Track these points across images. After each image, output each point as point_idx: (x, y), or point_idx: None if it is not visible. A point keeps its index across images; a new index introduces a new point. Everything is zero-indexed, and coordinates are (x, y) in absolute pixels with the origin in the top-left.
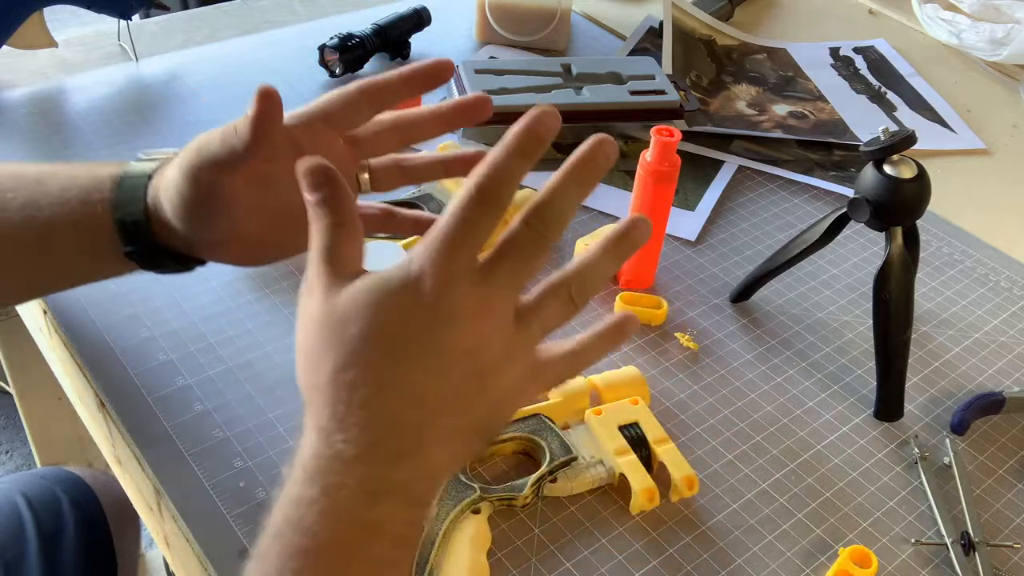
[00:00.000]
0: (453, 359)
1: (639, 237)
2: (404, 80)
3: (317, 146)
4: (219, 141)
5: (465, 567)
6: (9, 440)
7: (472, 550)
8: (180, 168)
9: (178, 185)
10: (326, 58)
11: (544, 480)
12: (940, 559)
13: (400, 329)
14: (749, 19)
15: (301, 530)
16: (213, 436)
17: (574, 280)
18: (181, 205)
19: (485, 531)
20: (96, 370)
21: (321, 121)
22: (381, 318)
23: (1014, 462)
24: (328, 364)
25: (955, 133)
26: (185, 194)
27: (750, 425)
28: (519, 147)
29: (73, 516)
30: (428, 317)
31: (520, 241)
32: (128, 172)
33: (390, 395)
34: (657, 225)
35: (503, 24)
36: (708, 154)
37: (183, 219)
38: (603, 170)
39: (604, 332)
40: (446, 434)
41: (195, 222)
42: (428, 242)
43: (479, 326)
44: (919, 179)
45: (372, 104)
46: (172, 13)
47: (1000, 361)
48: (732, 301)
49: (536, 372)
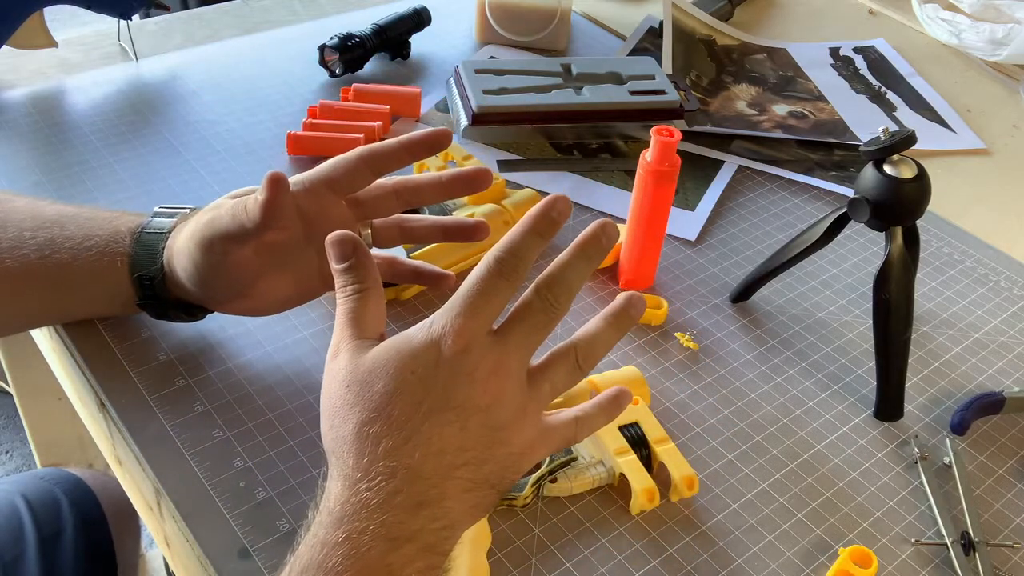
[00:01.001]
0: (471, 414)
1: (636, 314)
2: (405, 148)
3: (321, 211)
4: (230, 217)
5: (465, 567)
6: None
7: (472, 550)
8: (193, 239)
9: (191, 254)
10: (326, 58)
11: (544, 480)
12: (940, 559)
13: (422, 385)
14: (749, 19)
15: (325, 570)
16: (213, 436)
17: (581, 348)
18: (194, 272)
19: (485, 531)
20: (96, 370)
21: (325, 187)
22: (405, 375)
23: (1014, 462)
24: (355, 418)
25: (955, 133)
26: (198, 262)
27: (750, 425)
28: (535, 228)
29: (73, 517)
30: (448, 374)
31: (532, 309)
32: (146, 228)
33: (413, 446)
34: (657, 225)
35: (503, 24)
36: (708, 154)
37: (196, 283)
38: (606, 249)
39: (603, 404)
40: (463, 485)
41: (206, 286)
42: (449, 307)
43: (495, 384)
44: (919, 179)
45: (373, 170)
46: (172, 13)
47: (1000, 361)
48: (732, 301)
49: (545, 433)
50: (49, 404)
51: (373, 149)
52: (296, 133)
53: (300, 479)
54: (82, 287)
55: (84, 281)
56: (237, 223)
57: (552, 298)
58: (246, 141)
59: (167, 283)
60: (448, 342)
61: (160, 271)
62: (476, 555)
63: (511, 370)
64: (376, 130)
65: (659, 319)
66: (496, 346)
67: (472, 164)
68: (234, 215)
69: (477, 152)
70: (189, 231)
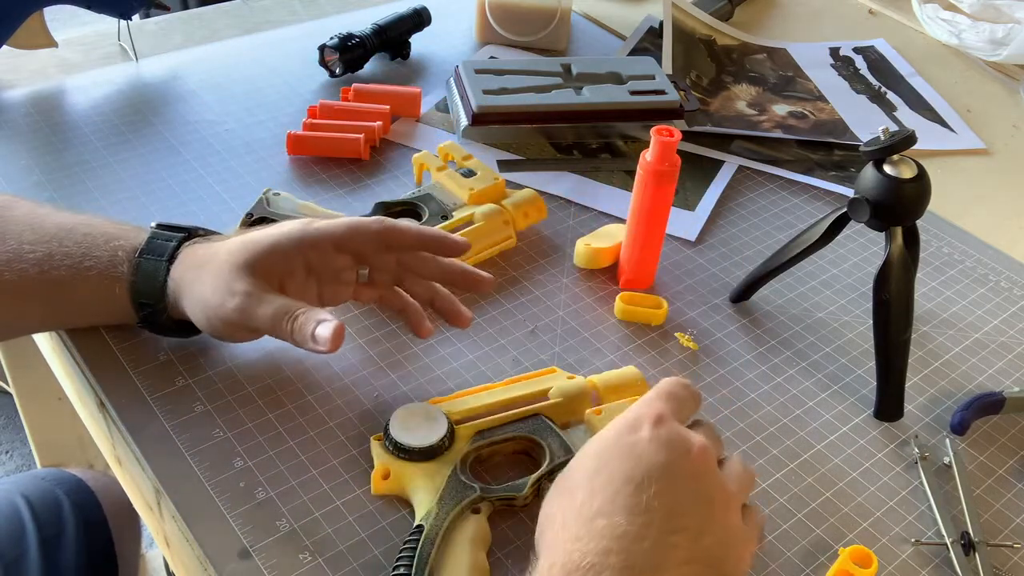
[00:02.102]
0: (684, 483)
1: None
2: (422, 241)
3: (324, 261)
4: (262, 319)
5: (465, 566)
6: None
7: (472, 549)
8: (206, 315)
9: (203, 319)
10: (326, 58)
11: (544, 480)
12: (940, 559)
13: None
14: (749, 19)
15: None
16: (213, 436)
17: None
18: (204, 319)
19: (485, 530)
20: (96, 370)
21: (332, 245)
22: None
23: (1014, 462)
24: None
25: (955, 133)
26: (208, 326)
27: (750, 425)
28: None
29: (73, 517)
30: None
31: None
32: (145, 252)
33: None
34: (657, 225)
35: (503, 24)
36: (708, 154)
37: (202, 323)
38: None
39: None
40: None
41: (212, 328)
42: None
43: (701, 457)
44: (919, 179)
45: (386, 245)
46: (172, 13)
47: (1000, 361)
48: (732, 301)
49: (749, 522)
50: (49, 404)
51: (392, 228)
52: (296, 133)
53: (300, 479)
54: (81, 304)
55: (83, 299)
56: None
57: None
58: (246, 141)
59: (169, 310)
60: (651, 419)
61: (162, 300)
62: (476, 554)
63: (712, 461)
64: (376, 130)
65: (659, 319)
66: (695, 438)
67: (472, 164)
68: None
69: (477, 152)
70: (203, 306)
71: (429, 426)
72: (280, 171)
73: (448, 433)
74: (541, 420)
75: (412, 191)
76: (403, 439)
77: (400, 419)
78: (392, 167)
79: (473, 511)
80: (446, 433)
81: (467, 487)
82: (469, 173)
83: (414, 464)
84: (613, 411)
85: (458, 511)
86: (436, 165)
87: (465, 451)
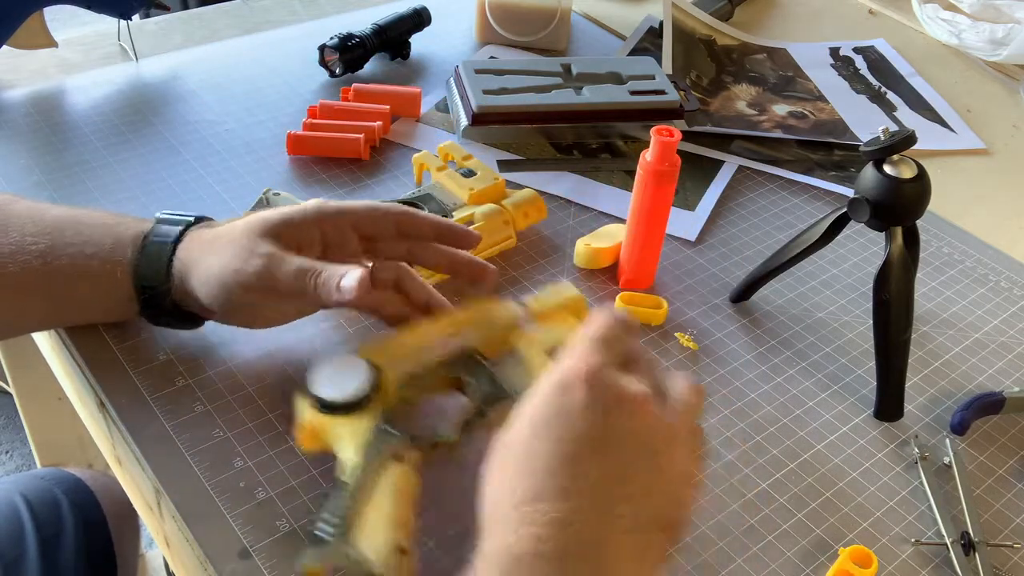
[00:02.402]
0: (625, 446)
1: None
2: (438, 231)
3: (340, 242)
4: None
5: (383, 519)
6: (9, 440)
7: (393, 501)
8: (221, 281)
9: (215, 288)
10: (326, 58)
11: (474, 419)
12: (940, 559)
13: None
14: (749, 19)
15: None
16: (213, 436)
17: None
18: (216, 295)
19: (408, 480)
20: (96, 370)
21: (350, 223)
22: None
23: (1014, 462)
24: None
25: (955, 133)
26: (221, 295)
27: (750, 425)
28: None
29: (73, 517)
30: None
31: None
32: (151, 236)
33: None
34: (657, 225)
35: (503, 24)
36: (708, 154)
37: (213, 300)
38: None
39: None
40: (628, 530)
41: (227, 303)
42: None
43: (641, 411)
44: (919, 179)
45: (401, 232)
46: (172, 13)
47: (1000, 361)
48: (732, 301)
49: (692, 445)
50: (49, 404)
51: (412, 216)
52: (296, 133)
53: (300, 479)
54: (83, 295)
55: (85, 290)
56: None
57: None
58: (246, 141)
59: (173, 292)
60: (585, 380)
61: (166, 281)
62: (396, 506)
63: (650, 401)
64: (376, 130)
65: (659, 319)
66: (632, 382)
67: (472, 164)
68: (288, 276)
69: (477, 152)
70: (215, 274)
71: (350, 377)
72: (280, 171)
73: (370, 382)
74: (470, 356)
75: (412, 191)
76: (324, 393)
77: (321, 371)
78: (392, 167)
79: (396, 460)
80: (368, 383)
81: (390, 436)
82: (469, 173)
83: (338, 418)
84: (544, 336)
85: (379, 462)
86: (436, 165)
87: (390, 399)
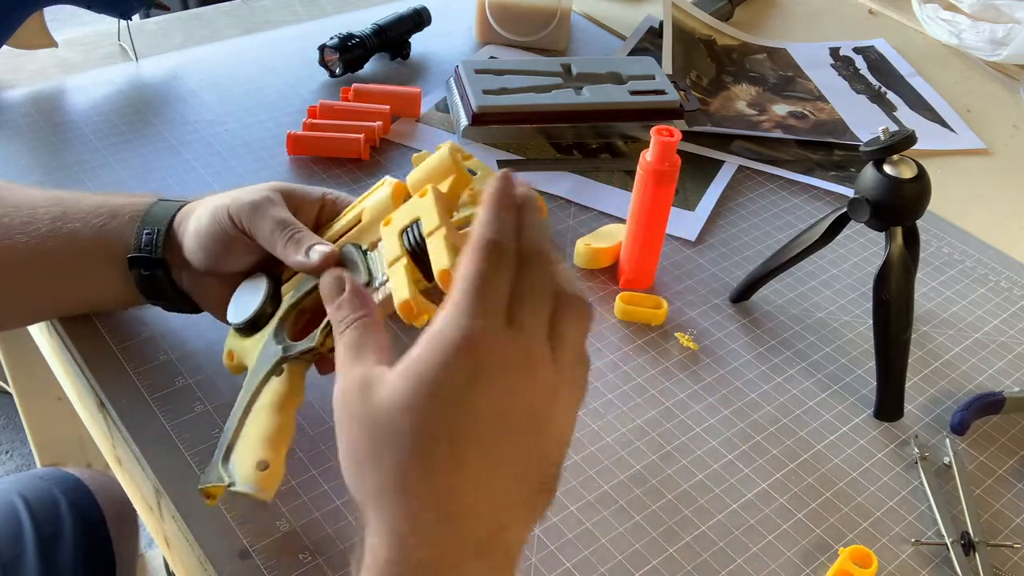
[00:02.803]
0: (513, 434)
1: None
2: None
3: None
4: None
5: (261, 433)
6: (9, 440)
7: (271, 413)
8: (213, 216)
9: (207, 221)
10: (326, 58)
11: None
12: (940, 559)
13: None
14: (749, 19)
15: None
16: (213, 436)
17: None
18: (206, 228)
19: (287, 391)
20: (96, 370)
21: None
22: (433, 406)
23: (1014, 462)
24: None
25: (955, 133)
26: (209, 230)
27: (750, 425)
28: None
29: (71, 517)
30: (481, 390)
31: (531, 279)
32: (159, 201)
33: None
34: (657, 225)
35: (503, 24)
36: (708, 154)
37: (202, 236)
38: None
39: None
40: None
41: (213, 240)
42: (455, 310)
43: (526, 380)
44: (919, 179)
45: None
46: (172, 13)
47: (1000, 361)
48: (732, 301)
49: (572, 397)
50: (49, 404)
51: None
52: (296, 133)
53: (300, 479)
54: (85, 262)
55: (88, 250)
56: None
57: (541, 256)
58: (246, 141)
59: (169, 242)
60: (468, 351)
61: (167, 225)
62: (274, 418)
63: (539, 357)
64: (376, 130)
65: (659, 319)
66: (519, 338)
67: (472, 164)
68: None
69: (477, 152)
70: (212, 210)
71: (252, 296)
72: (280, 171)
73: (267, 298)
74: (349, 249)
75: None
76: (230, 316)
77: (235, 296)
78: (392, 167)
79: (276, 375)
80: (264, 299)
81: (272, 349)
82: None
83: (247, 339)
84: (401, 214)
85: (263, 377)
86: None
87: (282, 312)
